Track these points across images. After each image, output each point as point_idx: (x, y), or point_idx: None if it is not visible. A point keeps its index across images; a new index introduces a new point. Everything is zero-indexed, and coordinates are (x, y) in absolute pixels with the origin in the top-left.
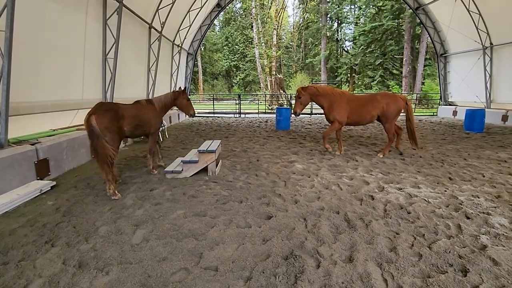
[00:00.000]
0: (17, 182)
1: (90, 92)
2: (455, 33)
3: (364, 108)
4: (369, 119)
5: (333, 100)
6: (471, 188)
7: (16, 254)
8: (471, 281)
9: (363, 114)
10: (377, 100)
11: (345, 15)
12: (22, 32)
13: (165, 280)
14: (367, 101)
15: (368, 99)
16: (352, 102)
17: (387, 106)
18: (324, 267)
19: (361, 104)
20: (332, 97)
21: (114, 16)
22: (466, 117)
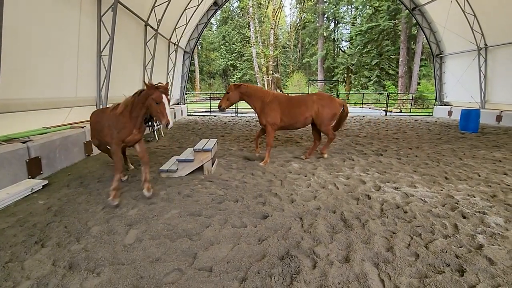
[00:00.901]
0: (7, 181)
1: (84, 90)
2: (451, 34)
3: (297, 109)
4: (303, 121)
5: (265, 102)
6: (467, 187)
7: (3, 255)
8: (468, 281)
9: (296, 116)
10: (312, 101)
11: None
12: (13, 27)
13: (158, 282)
14: (301, 102)
15: (302, 101)
16: (283, 104)
17: (322, 108)
18: (321, 268)
19: (294, 106)
20: (264, 99)
21: (109, 12)
22: (461, 117)
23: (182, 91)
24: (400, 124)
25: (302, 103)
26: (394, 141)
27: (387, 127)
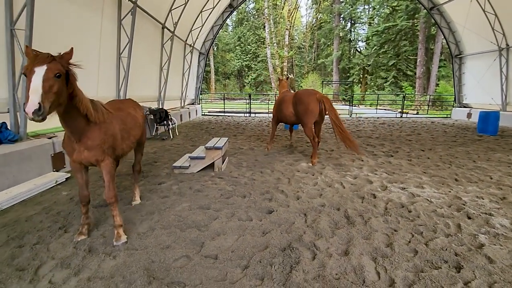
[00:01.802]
0: (35, 173)
1: (104, 89)
2: (471, 33)
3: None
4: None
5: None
6: (476, 189)
7: (31, 238)
8: (463, 277)
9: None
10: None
11: (358, 15)
12: (41, 32)
13: (167, 266)
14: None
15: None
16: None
17: (298, 105)
18: (320, 259)
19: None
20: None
21: (128, 16)
22: (479, 120)
23: (197, 92)
24: (415, 126)
25: (287, 99)
26: (406, 143)
27: (401, 129)
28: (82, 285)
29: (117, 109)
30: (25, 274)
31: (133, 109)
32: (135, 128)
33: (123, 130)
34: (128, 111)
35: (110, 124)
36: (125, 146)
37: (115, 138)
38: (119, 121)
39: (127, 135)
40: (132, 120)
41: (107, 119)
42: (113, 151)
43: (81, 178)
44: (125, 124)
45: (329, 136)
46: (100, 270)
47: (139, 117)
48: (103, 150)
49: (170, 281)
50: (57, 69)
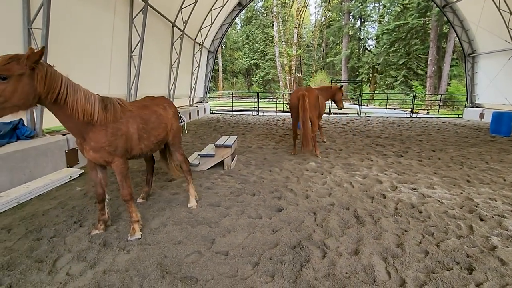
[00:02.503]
0: (50, 168)
1: (116, 87)
2: (484, 32)
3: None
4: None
5: None
6: (489, 191)
7: (48, 231)
8: (475, 278)
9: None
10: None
11: (368, 13)
12: (56, 31)
13: (179, 261)
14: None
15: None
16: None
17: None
18: (330, 258)
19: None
20: None
21: (139, 15)
22: (492, 120)
23: (205, 90)
24: (426, 126)
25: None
26: (417, 143)
27: (411, 129)
28: (98, 278)
29: (141, 107)
30: (43, 266)
31: (161, 108)
32: (158, 128)
33: (142, 129)
34: (154, 109)
35: (124, 123)
36: (144, 146)
37: (129, 138)
38: (138, 120)
39: (147, 135)
40: (156, 119)
41: (120, 119)
42: (126, 152)
43: (96, 176)
44: (145, 124)
45: (337, 136)
46: (115, 264)
47: (168, 116)
48: (109, 152)
49: (182, 275)
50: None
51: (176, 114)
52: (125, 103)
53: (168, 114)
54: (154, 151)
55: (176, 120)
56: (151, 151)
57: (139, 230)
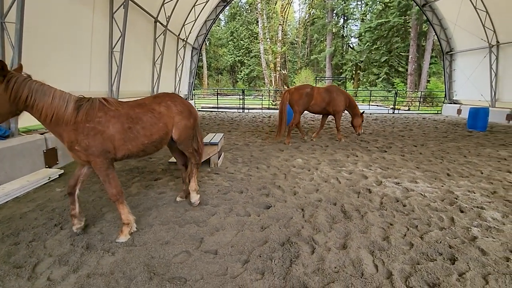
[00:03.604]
0: (27, 169)
1: (97, 84)
2: (462, 31)
3: None
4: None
5: None
6: (468, 184)
7: (27, 235)
8: (458, 268)
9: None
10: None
11: (351, 11)
12: (32, 25)
13: (167, 261)
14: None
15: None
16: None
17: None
18: (318, 253)
19: None
20: None
21: (120, 10)
22: (469, 116)
23: (190, 87)
24: (407, 122)
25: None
26: (399, 139)
27: (393, 125)
28: (81, 282)
29: (135, 106)
30: (22, 272)
31: (163, 106)
32: (152, 128)
33: (128, 129)
34: (151, 108)
35: (101, 123)
36: (132, 147)
37: (109, 138)
38: (122, 120)
39: (134, 135)
40: (150, 119)
41: (97, 118)
42: (105, 152)
43: (78, 170)
44: (133, 123)
45: (323, 132)
46: (100, 267)
47: (170, 114)
48: (82, 151)
49: (171, 276)
50: None
51: (185, 112)
52: (110, 103)
53: (171, 113)
54: (150, 151)
55: (184, 118)
56: (146, 152)
57: (128, 233)
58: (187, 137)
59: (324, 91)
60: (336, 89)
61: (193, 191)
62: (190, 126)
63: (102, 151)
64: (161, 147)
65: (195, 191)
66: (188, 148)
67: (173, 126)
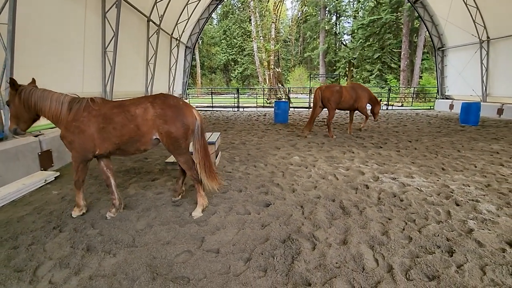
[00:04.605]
0: (22, 172)
1: (90, 85)
2: (453, 26)
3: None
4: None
5: None
6: (462, 177)
7: (25, 239)
8: (456, 260)
9: None
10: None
11: (343, 9)
12: (23, 26)
13: (169, 261)
14: None
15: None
16: None
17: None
18: (320, 249)
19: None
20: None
21: (113, 9)
22: (461, 111)
23: (184, 86)
24: (401, 118)
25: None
26: (394, 134)
27: (387, 121)
28: (84, 284)
29: (114, 107)
30: (24, 275)
31: (141, 108)
32: (122, 129)
33: (102, 129)
34: (126, 109)
35: (84, 122)
36: (108, 145)
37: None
38: (99, 120)
39: (107, 135)
40: (122, 120)
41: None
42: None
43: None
44: (106, 124)
45: (318, 129)
46: (101, 268)
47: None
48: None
49: (174, 276)
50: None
51: (168, 116)
52: (95, 103)
53: (148, 115)
54: (130, 151)
55: (167, 123)
56: (125, 152)
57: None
58: (172, 145)
59: (350, 89)
60: (360, 86)
61: (199, 205)
62: (176, 134)
63: (82, 147)
64: (142, 148)
65: (201, 205)
66: (178, 158)
67: (152, 129)
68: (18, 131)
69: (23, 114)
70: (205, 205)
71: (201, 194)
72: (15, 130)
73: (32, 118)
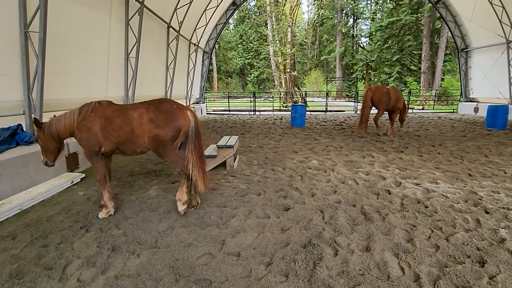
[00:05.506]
0: (51, 174)
1: (113, 89)
2: (477, 27)
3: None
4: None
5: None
6: (491, 184)
7: (54, 237)
8: (488, 271)
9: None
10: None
11: (361, 11)
12: (53, 34)
13: (191, 263)
14: None
15: None
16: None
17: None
18: (342, 255)
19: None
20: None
21: (135, 16)
22: (488, 114)
23: (201, 90)
24: (422, 121)
25: None
26: (415, 139)
27: (408, 124)
28: (110, 283)
29: (117, 109)
30: (53, 273)
31: (137, 112)
32: (119, 131)
33: (104, 129)
34: (125, 112)
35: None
36: (109, 144)
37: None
38: (102, 120)
39: (107, 134)
40: (120, 122)
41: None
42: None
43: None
44: (107, 124)
45: (336, 133)
46: (126, 268)
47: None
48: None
49: (196, 278)
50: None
51: (160, 120)
52: (102, 105)
53: (142, 119)
54: (128, 152)
55: (157, 128)
56: (125, 152)
57: (106, 214)
58: (158, 148)
59: (393, 91)
60: (397, 89)
61: (178, 200)
62: (164, 138)
63: (90, 144)
64: (138, 150)
65: (179, 200)
66: (166, 159)
67: (145, 133)
68: (49, 163)
69: (49, 145)
70: (182, 200)
71: (182, 190)
72: (46, 162)
73: (57, 147)
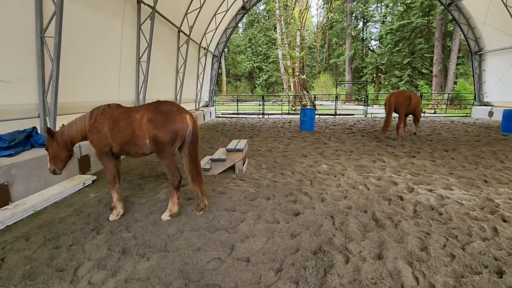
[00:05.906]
0: (63, 176)
1: (125, 93)
2: (491, 29)
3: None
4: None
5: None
6: (508, 191)
7: (66, 239)
8: (507, 282)
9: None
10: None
11: (371, 14)
12: (67, 38)
13: (200, 268)
14: None
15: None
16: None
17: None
18: (353, 263)
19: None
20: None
21: (147, 21)
22: (503, 118)
23: (210, 94)
24: (435, 126)
25: None
26: (427, 143)
27: (419, 128)
28: (120, 286)
29: (123, 111)
30: (65, 275)
31: (139, 114)
32: (123, 132)
33: (111, 130)
34: (129, 114)
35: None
36: (116, 145)
37: (103, 136)
38: (110, 122)
39: (114, 136)
40: (124, 124)
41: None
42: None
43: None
44: (114, 126)
45: (346, 137)
46: (136, 272)
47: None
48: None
49: (205, 283)
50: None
51: (158, 122)
52: (111, 107)
53: (142, 121)
54: (132, 153)
55: (155, 128)
56: (130, 153)
57: (116, 215)
58: (158, 149)
59: (413, 95)
60: (415, 93)
61: (168, 210)
62: (163, 139)
63: (101, 145)
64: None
65: (169, 211)
66: (161, 161)
67: (145, 134)
68: (56, 171)
69: (60, 154)
70: (173, 212)
71: (173, 201)
72: (54, 170)
73: (68, 155)
